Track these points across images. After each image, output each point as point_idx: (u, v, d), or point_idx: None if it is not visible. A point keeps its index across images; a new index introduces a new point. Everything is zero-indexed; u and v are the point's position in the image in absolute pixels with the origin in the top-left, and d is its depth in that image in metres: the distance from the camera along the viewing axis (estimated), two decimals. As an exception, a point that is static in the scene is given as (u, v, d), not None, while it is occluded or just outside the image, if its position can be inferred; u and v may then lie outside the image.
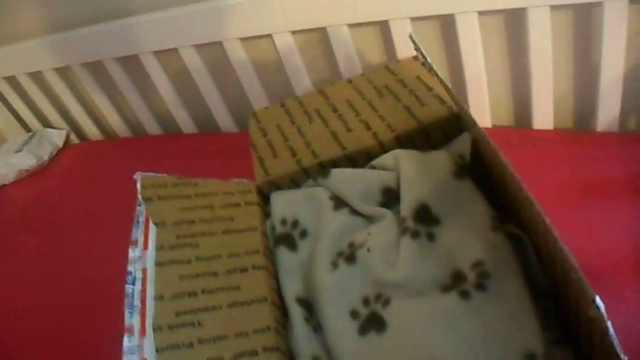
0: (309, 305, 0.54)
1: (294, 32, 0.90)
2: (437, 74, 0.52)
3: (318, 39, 0.92)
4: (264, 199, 0.62)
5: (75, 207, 1.06)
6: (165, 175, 0.57)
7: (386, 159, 0.59)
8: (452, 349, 0.45)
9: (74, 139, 1.40)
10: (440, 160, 0.56)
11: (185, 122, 1.18)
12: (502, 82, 0.87)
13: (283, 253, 0.57)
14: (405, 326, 0.48)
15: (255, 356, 0.46)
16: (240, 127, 1.14)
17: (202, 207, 0.56)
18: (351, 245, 0.54)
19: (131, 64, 1.10)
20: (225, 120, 1.12)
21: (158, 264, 0.49)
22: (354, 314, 0.51)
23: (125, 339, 0.44)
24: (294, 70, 0.94)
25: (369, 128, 0.62)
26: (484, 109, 0.84)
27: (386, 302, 0.50)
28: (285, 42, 0.91)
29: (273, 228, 0.59)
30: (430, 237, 0.52)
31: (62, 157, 1.32)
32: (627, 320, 0.51)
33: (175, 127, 1.21)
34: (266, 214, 0.61)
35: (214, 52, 1.01)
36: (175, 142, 1.15)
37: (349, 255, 0.53)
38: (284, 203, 0.60)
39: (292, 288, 0.54)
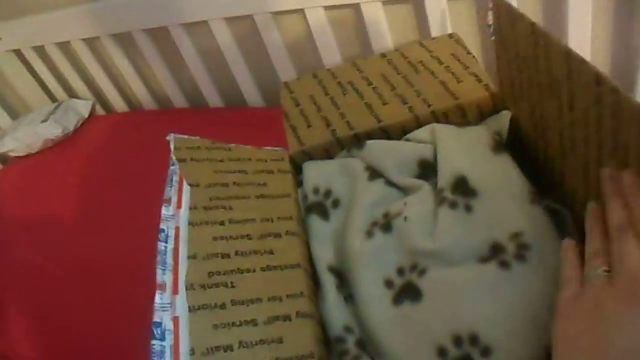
0: (340, 275, 0.51)
1: (326, 8, 0.87)
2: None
3: (351, 16, 0.88)
4: (296, 169, 0.59)
5: (103, 177, 1.04)
6: (198, 138, 0.54)
7: (422, 132, 0.57)
8: (492, 318, 0.43)
9: (99, 110, 1.37)
10: (478, 134, 0.54)
11: (212, 96, 1.15)
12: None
13: (315, 221, 0.54)
14: (442, 296, 0.46)
15: (288, 321, 0.44)
16: (267, 102, 1.10)
17: (235, 171, 0.53)
18: (386, 215, 0.51)
19: (160, 36, 1.07)
20: (252, 95, 1.09)
21: (191, 223, 0.47)
22: (388, 284, 0.49)
23: (157, 296, 0.41)
24: (325, 47, 0.92)
25: (404, 102, 0.59)
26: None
27: (422, 272, 0.48)
28: (317, 17, 0.88)
29: (305, 197, 0.56)
30: (468, 208, 0.49)
31: (87, 127, 1.29)
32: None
33: (202, 101, 1.17)
34: (298, 183, 0.58)
35: (244, 26, 0.98)
36: (201, 115, 1.13)
37: (385, 224, 0.51)
38: (316, 172, 0.57)
39: (324, 256, 0.52)
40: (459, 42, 0.64)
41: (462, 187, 0.50)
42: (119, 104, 1.31)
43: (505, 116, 0.56)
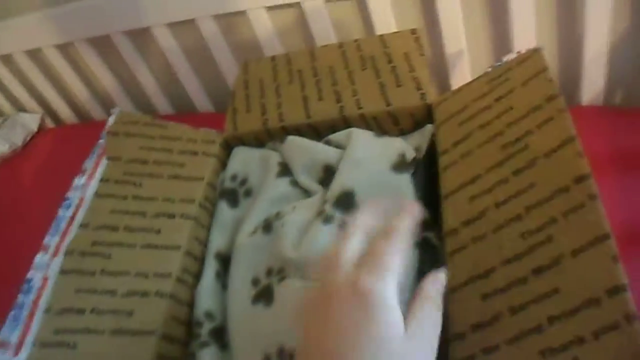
0: (226, 263, 0.49)
1: (268, 8, 0.78)
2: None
3: (294, 15, 0.79)
4: (229, 153, 0.56)
5: (48, 193, 0.91)
6: (141, 114, 0.54)
7: (341, 135, 0.51)
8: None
9: (48, 122, 1.21)
10: (387, 148, 0.47)
11: (161, 103, 1.04)
12: (485, 56, 0.76)
13: (222, 207, 0.52)
14: (283, 305, 0.43)
15: (145, 297, 0.44)
16: (217, 109, 1.00)
17: (160, 149, 0.52)
18: (277, 215, 0.48)
19: (102, 42, 0.95)
20: (202, 102, 0.99)
21: (96, 194, 0.48)
22: (255, 282, 0.46)
23: (38, 256, 0.44)
24: (269, 49, 0.83)
25: (339, 100, 0.52)
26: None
27: (282, 279, 0.45)
28: (260, 18, 0.79)
29: (222, 181, 0.54)
30: (342, 225, 0.44)
31: (36, 142, 1.12)
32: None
33: (151, 109, 1.06)
34: (223, 167, 0.55)
35: (189, 31, 0.87)
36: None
37: (267, 225, 0.48)
38: (240, 159, 0.54)
39: (217, 242, 0.50)
40: (417, 40, 0.54)
41: (347, 202, 0.45)
42: (68, 115, 1.17)
43: (428, 131, 0.48)
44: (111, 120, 0.52)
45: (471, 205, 0.40)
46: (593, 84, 0.69)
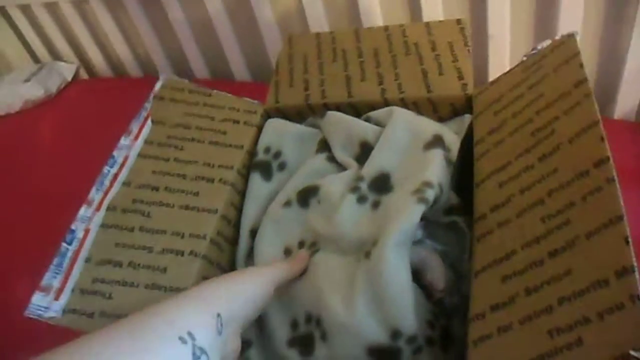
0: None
1: None
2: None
3: None
4: None
5: (81, 141, 1.02)
6: (187, 81, 0.60)
7: (383, 112, 0.55)
8: (332, 309, 0.44)
9: (83, 74, 1.31)
10: (426, 128, 0.52)
11: (199, 67, 1.09)
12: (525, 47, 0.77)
13: (256, 180, 0.57)
14: (316, 276, 0.47)
15: (180, 256, 0.49)
16: (253, 77, 1.05)
17: (203, 116, 0.58)
18: (313, 190, 0.52)
19: (150, 1, 1.02)
20: (240, 70, 1.04)
21: (140, 155, 0.54)
22: (287, 251, 0.52)
23: (82, 209, 0.50)
24: (315, 25, 0.87)
25: (381, 83, 0.57)
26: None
27: (316, 251, 0.50)
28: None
29: (256, 153, 0.58)
30: (375, 205, 0.49)
31: (70, 90, 1.24)
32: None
33: (188, 71, 1.12)
34: None
35: None
36: None
37: (303, 199, 0.52)
38: (274, 132, 0.59)
39: (250, 217, 0.55)
40: (462, 30, 0.58)
41: (382, 183, 0.50)
42: (103, 70, 1.26)
43: (466, 120, 0.52)
44: (158, 85, 0.58)
45: (500, 192, 0.44)
46: (628, 98, 0.72)
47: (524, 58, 0.50)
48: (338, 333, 0.43)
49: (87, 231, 0.49)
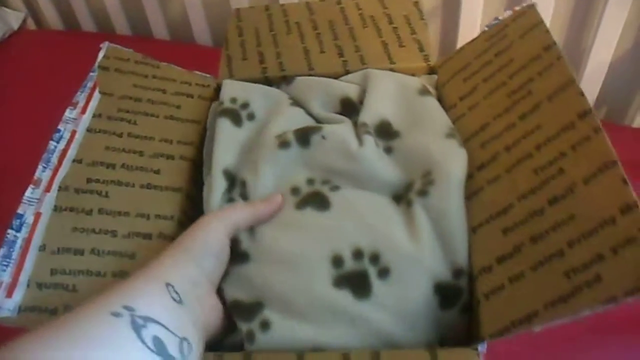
0: (233, 180, 0.50)
1: None
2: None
3: None
4: None
5: (23, 103, 0.94)
6: (131, 50, 0.54)
7: (355, 76, 0.55)
8: (397, 243, 0.42)
9: (30, 24, 1.20)
10: (409, 80, 0.53)
11: (159, 27, 1.03)
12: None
13: (225, 125, 0.52)
14: (351, 211, 0.44)
15: (148, 239, 0.45)
16: (215, 44, 1.02)
17: (154, 89, 0.53)
18: (313, 129, 0.49)
19: None
20: (202, 33, 1.00)
21: (89, 129, 0.48)
22: (294, 191, 0.47)
23: (29, 190, 0.43)
24: None
25: (341, 55, 0.56)
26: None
27: (335, 188, 0.47)
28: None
29: (221, 104, 0.54)
30: (388, 150, 0.48)
31: (15, 41, 1.12)
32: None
33: (147, 30, 1.06)
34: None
35: None
36: (144, 44, 0.94)
37: (302, 137, 0.49)
38: (237, 87, 0.55)
39: (223, 159, 0.50)
40: (416, 5, 0.60)
41: (385, 130, 0.49)
42: (54, 20, 1.16)
43: (433, 78, 0.54)
44: (101, 54, 0.51)
45: (483, 151, 0.45)
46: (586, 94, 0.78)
47: (486, 28, 0.52)
48: (405, 268, 0.41)
49: (37, 215, 0.42)
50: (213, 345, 0.41)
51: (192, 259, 0.40)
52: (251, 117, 0.53)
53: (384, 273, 0.41)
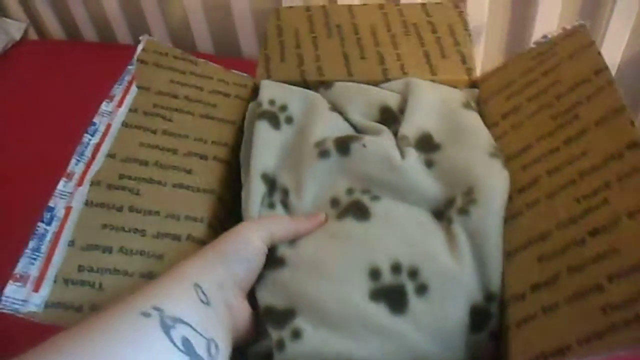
0: (273, 184, 0.49)
1: None
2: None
3: None
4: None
5: (24, 106, 0.93)
6: (170, 46, 0.54)
7: (396, 84, 0.53)
8: (437, 260, 0.41)
9: (32, 34, 1.19)
10: (453, 92, 0.52)
11: (161, 36, 1.02)
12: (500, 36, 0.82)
13: (264, 127, 0.51)
14: (392, 223, 0.44)
15: (177, 241, 0.44)
16: (217, 51, 1.01)
17: (191, 85, 0.52)
18: (352, 138, 0.48)
19: None
20: (204, 41, 0.98)
21: (124, 124, 0.47)
22: (333, 202, 0.47)
23: (61, 183, 0.43)
24: None
25: (382, 62, 0.55)
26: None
27: (375, 198, 0.46)
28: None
29: (259, 105, 0.52)
30: (429, 164, 0.47)
31: (17, 51, 1.11)
32: None
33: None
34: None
35: None
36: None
37: (342, 146, 0.48)
38: (276, 89, 0.54)
39: (261, 162, 0.49)
40: (460, 15, 0.59)
41: (426, 143, 0.48)
42: (55, 30, 1.15)
43: (474, 92, 0.53)
44: (140, 47, 0.51)
45: (524, 174, 0.44)
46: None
47: (533, 45, 0.51)
48: (444, 287, 0.40)
49: (68, 209, 0.42)
50: (238, 354, 0.40)
51: (223, 262, 0.40)
52: (289, 120, 0.52)
53: (422, 290, 0.40)
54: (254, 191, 0.47)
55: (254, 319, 0.42)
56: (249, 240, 0.41)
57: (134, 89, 0.49)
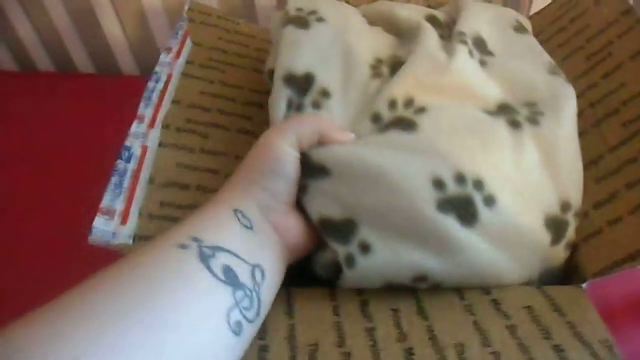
0: (305, 83, 0.43)
1: None
2: None
3: None
4: None
5: None
6: (212, 6, 0.55)
7: (443, 8, 0.53)
8: (500, 171, 0.38)
9: None
10: (505, 12, 0.52)
11: (81, 60, 0.96)
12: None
13: (291, 30, 0.46)
14: (444, 134, 0.39)
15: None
16: (142, 71, 0.95)
17: (238, 42, 0.54)
18: (397, 62, 0.45)
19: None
20: (127, 62, 0.93)
21: (184, 74, 0.48)
22: (375, 118, 0.42)
23: (134, 125, 0.43)
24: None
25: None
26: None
27: (420, 110, 0.41)
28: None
29: (286, 13, 0.48)
30: (482, 63, 0.46)
31: None
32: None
33: (70, 65, 0.97)
34: None
35: None
36: (69, 81, 0.93)
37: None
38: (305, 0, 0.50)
39: (286, 63, 0.44)
40: None
41: (481, 45, 0.47)
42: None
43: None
44: (186, 6, 0.52)
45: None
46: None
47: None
48: (513, 197, 0.38)
49: (144, 148, 0.42)
50: (305, 264, 0.39)
51: (258, 181, 0.36)
52: (320, 20, 0.48)
53: (490, 201, 0.37)
54: (278, 94, 0.43)
55: (309, 229, 0.38)
56: (279, 151, 0.37)
57: (188, 42, 0.50)
